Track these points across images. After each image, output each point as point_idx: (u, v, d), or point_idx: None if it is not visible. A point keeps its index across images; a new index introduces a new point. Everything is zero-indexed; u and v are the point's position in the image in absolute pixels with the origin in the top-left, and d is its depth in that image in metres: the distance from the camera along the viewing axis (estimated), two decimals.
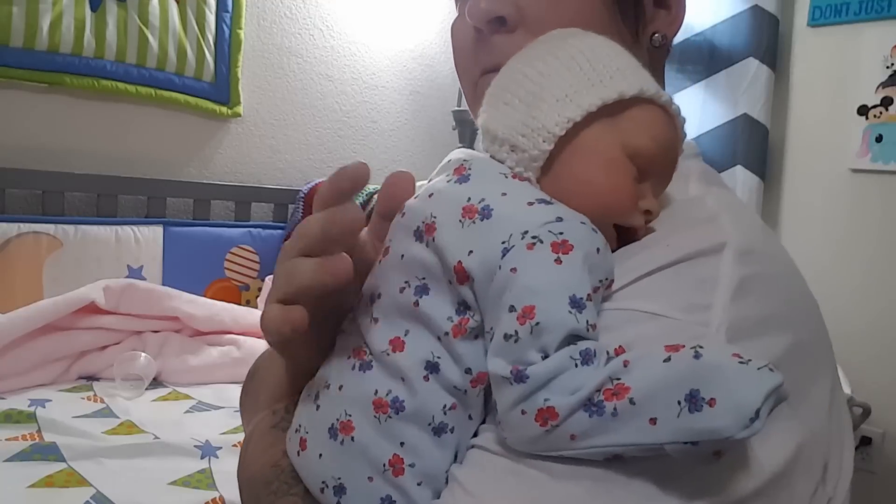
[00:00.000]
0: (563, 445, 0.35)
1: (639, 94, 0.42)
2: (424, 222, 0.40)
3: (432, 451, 0.39)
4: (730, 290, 0.40)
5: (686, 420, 0.31)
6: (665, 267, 0.41)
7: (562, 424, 0.34)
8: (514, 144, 0.42)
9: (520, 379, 0.35)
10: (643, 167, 0.42)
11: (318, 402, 0.43)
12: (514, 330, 0.36)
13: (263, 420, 0.51)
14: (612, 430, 0.33)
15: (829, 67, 1.66)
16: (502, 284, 0.37)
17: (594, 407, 0.34)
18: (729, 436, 0.30)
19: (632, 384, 0.33)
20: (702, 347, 0.33)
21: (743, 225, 0.45)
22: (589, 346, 0.36)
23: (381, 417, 0.39)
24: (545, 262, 0.37)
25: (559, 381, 0.35)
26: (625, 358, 0.34)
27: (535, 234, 0.37)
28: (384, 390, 0.40)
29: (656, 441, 0.32)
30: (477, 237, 0.38)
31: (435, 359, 0.39)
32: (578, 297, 0.36)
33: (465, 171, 0.42)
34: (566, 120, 0.41)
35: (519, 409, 0.35)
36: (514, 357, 0.36)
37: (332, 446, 0.41)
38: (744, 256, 0.41)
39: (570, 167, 0.42)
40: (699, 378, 0.32)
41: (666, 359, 0.33)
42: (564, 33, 0.46)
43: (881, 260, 1.57)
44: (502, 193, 0.40)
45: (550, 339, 0.35)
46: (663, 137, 0.43)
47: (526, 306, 0.36)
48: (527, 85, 0.43)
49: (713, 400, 0.31)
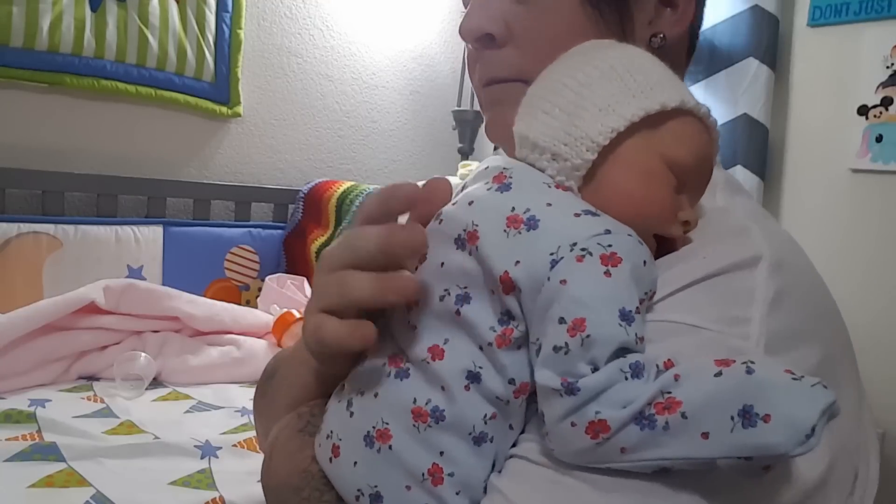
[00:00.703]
0: (613, 458, 0.35)
1: (680, 106, 0.42)
2: (466, 230, 0.40)
3: (471, 460, 0.39)
4: (766, 303, 0.40)
5: (740, 435, 0.31)
6: (703, 279, 0.41)
7: (613, 437, 0.34)
8: (556, 153, 0.42)
9: (571, 391, 0.35)
10: (682, 178, 0.42)
11: (351, 408, 0.43)
12: (563, 342, 0.36)
13: (289, 424, 0.50)
14: (664, 444, 0.33)
15: (829, 67, 1.66)
16: (551, 296, 0.37)
17: (646, 420, 0.34)
18: (785, 452, 0.31)
19: (683, 398, 0.33)
20: (753, 363, 0.33)
21: (772, 237, 0.45)
22: (639, 359, 0.36)
23: (421, 426, 0.39)
24: (595, 275, 0.37)
25: (609, 393, 0.35)
26: (675, 371, 0.35)
27: (585, 246, 0.37)
28: (423, 399, 0.40)
29: (709, 455, 0.32)
30: (523, 247, 0.38)
31: (476, 368, 0.39)
32: (628, 310, 0.36)
33: (506, 179, 0.42)
34: (609, 129, 0.41)
35: (569, 421, 0.35)
36: (563, 369, 0.36)
37: (368, 454, 0.41)
38: (777, 269, 0.42)
39: (612, 177, 0.42)
40: (753, 393, 0.32)
41: (717, 373, 0.33)
42: (600, 44, 0.46)
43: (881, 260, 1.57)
44: (547, 204, 0.40)
45: (601, 352, 0.35)
46: (702, 150, 0.43)
47: (576, 318, 0.36)
48: (567, 94, 0.43)
49: (768, 416, 0.31)
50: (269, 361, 0.65)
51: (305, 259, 1.98)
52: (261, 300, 1.81)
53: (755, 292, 0.40)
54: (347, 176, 2.18)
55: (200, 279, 1.82)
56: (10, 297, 1.49)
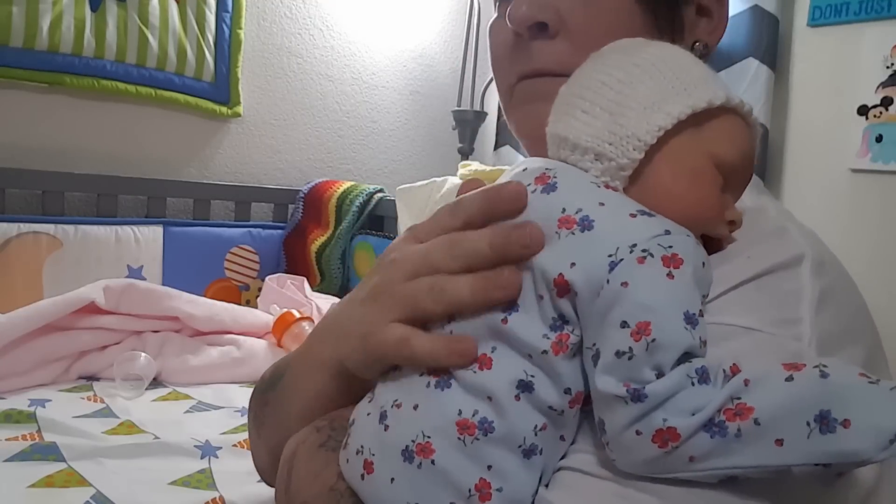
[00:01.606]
0: (681, 467, 0.34)
1: (725, 104, 0.41)
2: None
3: (520, 474, 0.38)
4: (814, 303, 0.40)
5: (818, 442, 0.31)
6: (750, 280, 0.41)
7: (682, 446, 0.33)
8: (600, 153, 0.41)
9: (637, 398, 0.34)
10: (727, 177, 0.42)
11: (385, 421, 0.41)
12: (627, 347, 0.34)
13: (307, 440, 0.48)
14: (735, 452, 0.32)
15: (829, 67, 1.66)
16: (611, 299, 0.35)
17: (716, 428, 0.33)
18: (868, 458, 0.30)
19: (755, 404, 0.32)
20: (826, 367, 0.32)
21: (808, 236, 0.45)
22: (705, 364, 0.35)
23: (467, 439, 0.38)
24: (658, 277, 0.36)
25: (677, 400, 0.34)
26: (745, 377, 0.33)
27: (645, 247, 0.36)
28: (469, 410, 0.38)
29: (784, 462, 0.31)
30: (579, 249, 0.37)
31: (528, 378, 0.37)
32: (692, 314, 0.35)
33: (551, 180, 0.40)
34: (657, 128, 0.40)
35: (634, 429, 0.34)
36: (627, 375, 0.34)
37: (408, 470, 0.39)
38: (819, 268, 0.42)
39: (659, 176, 0.41)
40: (829, 398, 0.31)
41: (788, 378, 0.32)
42: (636, 42, 0.45)
43: (881, 260, 1.57)
44: (600, 203, 0.39)
45: (667, 357, 0.34)
46: (746, 147, 0.42)
47: (640, 322, 0.34)
48: (607, 93, 0.42)
49: (847, 421, 0.30)
50: (268, 370, 0.63)
51: (305, 259, 1.98)
52: (261, 300, 1.81)
53: (802, 292, 0.40)
54: (347, 176, 2.18)
55: (200, 279, 1.82)
56: (10, 297, 1.49)
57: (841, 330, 0.41)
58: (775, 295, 0.40)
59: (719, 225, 0.42)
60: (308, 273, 1.93)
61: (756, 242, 0.44)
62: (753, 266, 0.41)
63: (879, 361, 0.44)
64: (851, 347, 0.41)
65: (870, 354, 0.42)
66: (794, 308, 0.40)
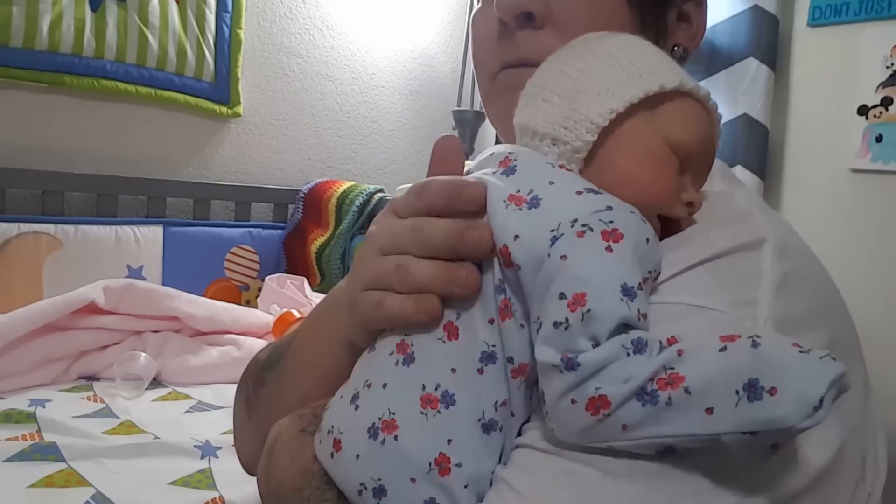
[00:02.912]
0: (615, 436, 0.34)
1: (678, 87, 0.42)
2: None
3: (480, 450, 0.38)
4: (773, 285, 0.40)
5: (745, 410, 0.31)
6: (707, 260, 0.41)
7: (613, 414, 0.34)
8: (556, 137, 0.42)
9: (570, 367, 0.34)
10: (684, 159, 0.42)
11: (357, 401, 0.42)
12: (564, 317, 0.35)
13: (289, 426, 0.49)
14: (666, 421, 0.33)
15: (829, 67, 1.66)
16: (551, 272, 0.36)
17: (647, 396, 0.33)
18: (791, 425, 0.30)
19: (686, 373, 0.33)
20: (759, 337, 0.32)
21: (774, 221, 0.46)
22: (641, 336, 0.35)
23: (430, 413, 0.38)
24: (596, 250, 0.36)
25: (611, 369, 0.34)
26: (678, 347, 0.34)
27: (586, 221, 0.37)
28: (432, 384, 0.39)
29: (713, 431, 0.32)
30: (524, 223, 0.38)
31: (490, 348, 0.38)
32: (630, 286, 0.36)
33: (511, 163, 0.42)
34: (609, 111, 0.41)
35: (569, 397, 0.35)
36: (563, 345, 0.35)
37: (372, 446, 0.39)
38: (782, 252, 0.42)
39: (613, 158, 0.41)
40: (758, 367, 0.31)
41: (721, 348, 0.33)
42: (599, 35, 0.46)
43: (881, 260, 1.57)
44: (549, 182, 0.40)
45: (602, 328, 0.35)
46: (702, 131, 0.43)
47: (577, 293, 0.35)
48: (566, 82, 0.43)
49: (774, 389, 0.30)
50: (262, 352, 0.62)
51: (305, 259, 1.98)
52: (261, 300, 1.81)
53: (761, 274, 0.40)
54: (347, 176, 2.18)
55: (200, 279, 1.82)
56: (10, 297, 1.49)
57: (802, 314, 0.41)
58: (732, 275, 0.40)
59: (676, 206, 0.42)
60: (308, 273, 1.93)
61: (717, 226, 0.44)
62: (712, 247, 0.41)
63: (846, 350, 0.43)
64: (813, 332, 0.41)
65: (834, 341, 0.42)
66: (752, 289, 0.40)
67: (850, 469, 0.40)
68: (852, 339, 0.46)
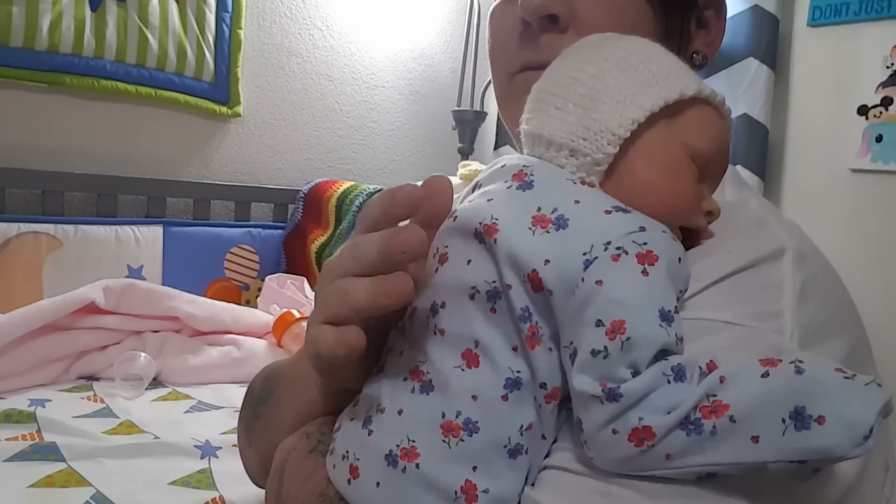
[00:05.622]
0: (657, 465, 0.34)
1: (697, 95, 0.41)
2: (483, 223, 0.38)
3: (506, 474, 0.38)
4: (795, 295, 0.40)
5: (793, 438, 0.30)
6: (731, 275, 0.41)
7: (658, 444, 0.33)
8: (574, 149, 0.41)
9: (612, 398, 0.34)
10: (703, 167, 0.42)
11: (370, 426, 0.41)
12: (602, 345, 0.34)
13: (297, 446, 0.48)
14: (711, 450, 0.32)
15: (829, 67, 1.66)
16: (586, 298, 0.35)
17: (692, 425, 0.32)
18: (843, 454, 0.30)
19: (730, 401, 0.32)
20: (802, 362, 0.32)
21: (789, 228, 0.45)
22: (681, 362, 0.34)
23: (452, 441, 0.37)
24: (632, 274, 0.35)
25: (652, 398, 0.33)
26: (720, 374, 0.33)
27: (620, 244, 0.36)
28: (452, 412, 0.38)
29: (759, 460, 0.31)
30: (553, 246, 0.37)
31: (515, 374, 0.37)
32: (667, 311, 0.35)
33: (528, 177, 0.40)
34: (630, 121, 0.40)
35: (610, 428, 0.34)
36: (602, 374, 0.34)
37: (392, 474, 0.38)
38: (800, 260, 0.42)
39: (634, 169, 0.40)
40: (804, 394, 0.30)
41: (764, 374, 0.32)
42: (605, 37, 0.45)
43: (881, 260, 1.57)
44: (575, 201, 0.39)
45: (642, 355, 0.34)
46: (721, 137, 0.42)
47: (615, 321, 0.34)
48: (579, 88, 0.42)
49: (822, 417, 0.30)
50: (255, 382, 0.62)
51: (305, 259, 1.98)
52: (261, 300, 1.81)
53: (783, 285, 0.40)
54: (347, 176, 2.18)
55: (200, 279, 1.81)
56: (10, 297, 1.49)
57: (823, 322, 0.41)
58: (756, 289, 0.40)
59: (697, 216, 0.42)
60: (308, 273, 1.93)
61: (736, 236, 0.43)
62: (734, 260, 0.41)
63: (864, 355, 0.44)
64: (834, 340, 0.41)
65: (853, 347, 0.42)
66: (776, 301, 0.39)
67: (875, 478, 0.40)
68: (866, 342, 0.46)
